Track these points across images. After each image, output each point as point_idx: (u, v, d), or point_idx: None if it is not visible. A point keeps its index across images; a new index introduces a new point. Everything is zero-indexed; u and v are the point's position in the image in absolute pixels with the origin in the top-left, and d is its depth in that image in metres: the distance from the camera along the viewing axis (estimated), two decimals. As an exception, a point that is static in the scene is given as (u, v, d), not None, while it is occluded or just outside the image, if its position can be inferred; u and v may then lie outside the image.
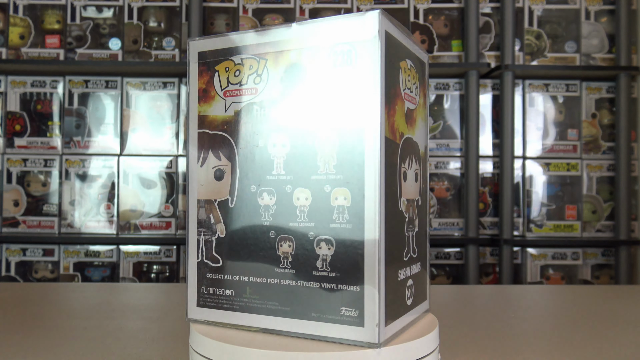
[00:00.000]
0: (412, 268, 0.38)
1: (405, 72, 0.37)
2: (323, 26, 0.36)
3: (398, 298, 0.36)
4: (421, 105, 0.41)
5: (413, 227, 0.38)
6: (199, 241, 0.39)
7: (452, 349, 0.51)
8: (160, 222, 1.80)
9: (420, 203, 0.40)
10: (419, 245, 0.40)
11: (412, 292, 0.38)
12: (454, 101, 1.85)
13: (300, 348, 0.34)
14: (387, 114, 0.34)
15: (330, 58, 0.35)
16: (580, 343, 0.54)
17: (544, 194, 1.84)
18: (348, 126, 0.34)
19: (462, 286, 0.91)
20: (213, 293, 0.39)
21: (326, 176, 0.35)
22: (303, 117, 0.36)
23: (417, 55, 0.40)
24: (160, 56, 1.82)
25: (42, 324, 0.59)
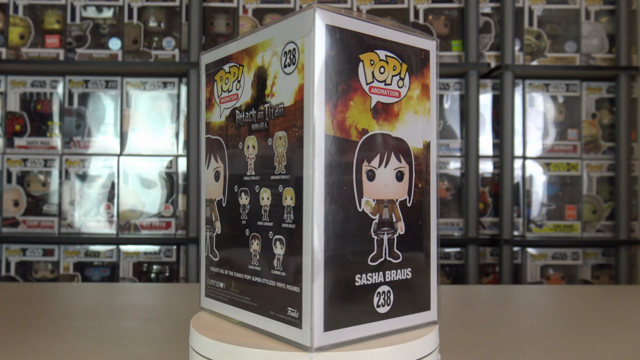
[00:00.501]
0: (390, 274, 0.36)
1: (372, 65, 0.35)
2: (276, 28, 0.36)
3: (357, 304, 0.34)
4: (414, 97, 0.38)
5: (392, 229, 0.36)
6: (206, 237, 0.42)
7: (452, 349, 0.51)
8: (160, 222, 1.80)
9: (413, 203, 0.37)
10: (410, 250, 0.37)
11: (390, 300, 0.36)
12: (454, 101, 1.85)
13: (354, 347, 0.34)
14: (333, 110, 0.33)
15: (282, 59, 0.35)
16: (580, 343, 0.54)
17: (544, 194, 1.84)
18: (293, 126, 0.34)
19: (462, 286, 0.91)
20: (213, 285, 0.42)
21: (280, 176, 0.35)
22: (263, 121, 0.37)
23: (408, 44, 0.38)
24: (160, 56, 1.82)
25: (42, 324, 0.59)
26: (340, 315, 0.34)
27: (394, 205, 0.36)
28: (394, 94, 0.37)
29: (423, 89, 0.38)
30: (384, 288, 0.36)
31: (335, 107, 0.34)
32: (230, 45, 0.41)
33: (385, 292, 0.36)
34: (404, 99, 0.37)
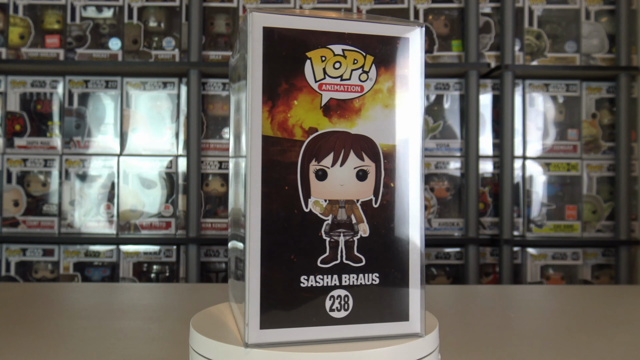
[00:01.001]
0: (348, 278, 0.35)
1: (324, 61, 0.35)
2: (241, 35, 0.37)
3: (303, 306, 0.34)
4: (384, 90, 0.35)
5: (350, 231, 0.35)
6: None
7: (452, 349, 0.51)
8: (160, 222, 1.80)
9: (381, 204, 0.35)
10: (377, 254, 0.35)
11: (348, 306, 0.35)
12: (454, 101, 1.85)
13: (297, 348, 0.34)
14: (272, 111, 0.34)
15: (242, 62, 0.36)
16: (580, 343, 0.54)
17: (544, 194, 1.84)
18: (238, 129, 0.35)
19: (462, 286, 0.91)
20: None
21: (242, 178, 0.36)
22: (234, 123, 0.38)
23: (376, 34, 0.36)
24: (160, 56, 1.82)
25: (42, 324, 0.59)
26: (280, 315, 0.34)
27: (354, 205, 0.35)
28: (354, 89, 0.35)
29: (398, 81, 0.36)
30: (339, 292, 0.35)
31: (274, 108, 0.34)
32: None
33: (342, 296, 0.35)
34: (368, 93, 0.35)
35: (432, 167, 1.83)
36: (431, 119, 1.85)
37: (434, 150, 1.84)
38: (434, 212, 1.83)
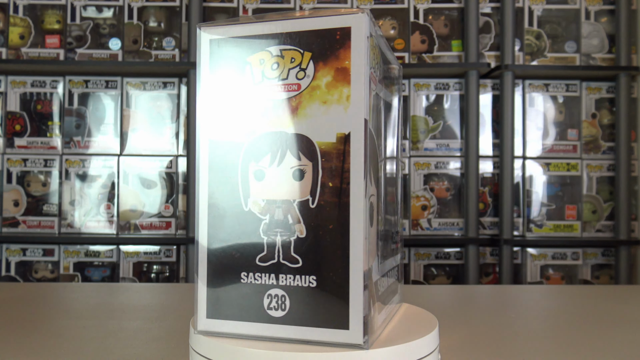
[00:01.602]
0: (285, 278, 0.35)
1: (262, 64, 0.36)
2: None
3: (244, 301, 0.35)
4: (322, 86, 0.34)
5: (286, 231, 0.35)
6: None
7: (452, 349, 0.51)
8: (160, 222, 1.80)
9: (319, 205, 0.34)
10: (313, 256, 0.34)
11: (285, 306, 0.35)
12: (454, 101, 1.85)
13: (297, 349, 0.34)
14: (220, 116, 0.36)
15: None
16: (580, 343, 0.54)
17: (544, 194, 1.84)
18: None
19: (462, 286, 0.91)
20: None
21: None
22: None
23: (314, 28, 0.35)
24: (160, 56, 1.82)
25: (42, 324, 0.59)
26: (224, 307, 0.36)
27: (291, 205, 0.35)
28: (291, 88, 0.35)
29: (338, 74, 0.34)
30: (276, 291, 0.35)
31: (220, 113, 0.36)
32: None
33: (279, 295, 0.35)
34: (305, 90, 0.35)
35: (432, 167, 1.83)
36: (431, 119, 1.85)
37: (434, 150, 1.84)
38: (434, 212, 1.83)
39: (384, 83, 0.39)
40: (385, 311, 0.39)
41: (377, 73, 0.37)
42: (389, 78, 0.41)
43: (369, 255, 0.34)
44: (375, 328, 0.35)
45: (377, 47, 0.36)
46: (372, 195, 0.35)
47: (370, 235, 0.35)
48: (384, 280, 0.38)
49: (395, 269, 0.43)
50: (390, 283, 0.41)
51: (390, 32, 1.84)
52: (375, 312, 0.35)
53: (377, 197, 0.37)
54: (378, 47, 0.36)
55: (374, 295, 0.35)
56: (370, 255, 0.35)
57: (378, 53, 0.36)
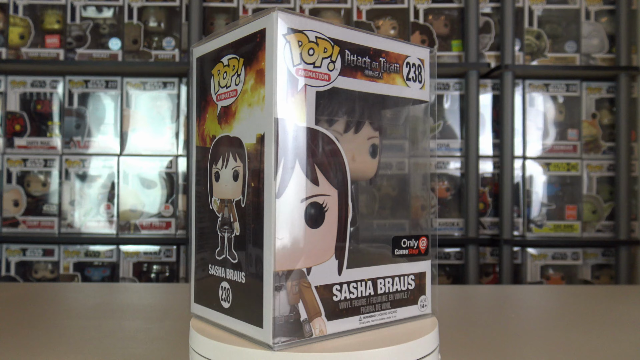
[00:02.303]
0: (229, 272, 0.37)
1: (219, 74, 0.38)
2: None
3: (210, 291, 0.39)
4: (249, 90, 0.35)
5: (230, 229, 0.37)
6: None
7: (452, 349, 0.51)
8: (160, 222, 1.80)
9: (246, 204, 0.35)
10: (242, 253, 0.36)
11: (229, 298, 0.37)
12: (454, 101, 1.85)
13: (297, 349, 0.34)
14: (198, 124, 0.40)
15: None
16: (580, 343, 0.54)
17: (544, 194, 1.84)
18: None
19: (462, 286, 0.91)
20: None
21: None
22: None
23: (245, 35, 0.36)
24: (160, 56, 1.82)
25: (42, 324, 0.59)
26: (202, 295, 0.40)
27: (232, 204, 0.37)
28: (232, 94, 0.37)
29: (257, 77, 0.35)
30: (225, 284, 0.37)
31: (199, 122, 0.40)
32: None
33: (226, 288, 0.37)
34: (239, 96, 0.36)
35: (432, 167, 1.83)
36: (431, 119, 1.85)
37: (433, 150, 1.84)
38: (434, 212, 1.83)
39: (365, 74, 0.37)
40: (361, 320, 0.37)
41: (334, 65, 0.35)
42: (375, 68, 0.38)
43: (304, 257, 0.34)
44: (317, 332, 0.34)
45: (326, 39, 0.35)
46: (324, 196, 0.35)
47: (313, 236, 0.34)
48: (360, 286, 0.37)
49: (402, 278, 0.40)
50: (381, 292, 0.38)
51: (390, 32, 1.84)
52: (313, 316, 0.34)
53: (341, 198, 0.36)
54: (330, 39, 0.35)
55: (306, 297, 0.34)
56: (309, 257, 0.34)
57: (330, 45, 0.35)
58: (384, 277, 0.39)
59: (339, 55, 0.36)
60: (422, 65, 0.43)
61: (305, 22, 0.34)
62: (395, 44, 0.40)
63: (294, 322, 0.34)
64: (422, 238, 0.42)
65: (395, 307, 0.39)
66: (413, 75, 0.42)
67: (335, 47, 0.36)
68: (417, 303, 0.41)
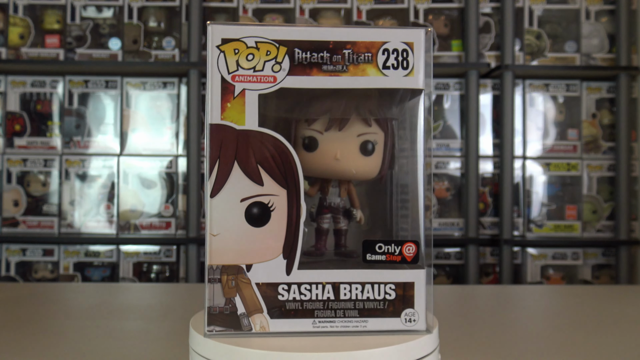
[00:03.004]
0: None
1: None
2: None
3: None
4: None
5: None
6: None
7: (452, 349, 0.51)
8: (160, 222, 1.80)
9: None
10: None
11: None
12: (454, 101, 1.85)
13: (297, 348, 0.34)
14: None
15: None
16: (580, 343, 0.54)
17: (544, 194, 1.84)
18: None
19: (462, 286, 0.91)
20: None
21: None
22: None
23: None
24: (160, 56, 1.82)
25: (42, 324, 0.59)
26: None
27: None
28: None
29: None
30: None
31: None
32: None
33: None
34: None
35: (432, 167, 1.83)
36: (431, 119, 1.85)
37: (434, 150, 1.84)
38: (434, 212, 1.83)
39: (323, 69, 0.37)
40: (316, 324, 0.37)
41: (280, 67, 0.36)
42: (336, 62, 0.37)
43: (243, 254, 0.36)
44: (257, 327, 0.36)
45: (269, 42, 0.36)
46: (270, 196, 0.36)
47: (255, 235, 0.36)
48: (316, 288, 0.37)
49: (376, 286, 0.37)
50: (344, 297, 0.37)
51: (390, 32, 1.84)
52: (253, 311, 0.36)
53: (290, 197, 0.36)
54: (274, 41, 0.36)
55: (244, 293, 0.36)
56: (249, 254, 0.36)
57: (274, 47, 0.36)
58: (350, 282, 0.37)
59: (286, 55, 0.36)
60: (410, 49, 0.38)
61: (242, 29, 0.36)
62: (368, 32, 0.37)
63: (229, 314, 0.35)
64: (408, 244, 0.38)
65: (365, 316, 0.37)
66: (394, 62, 0.38)
67: (281, 48, 0.36)
68: (399, 316, 0.37)
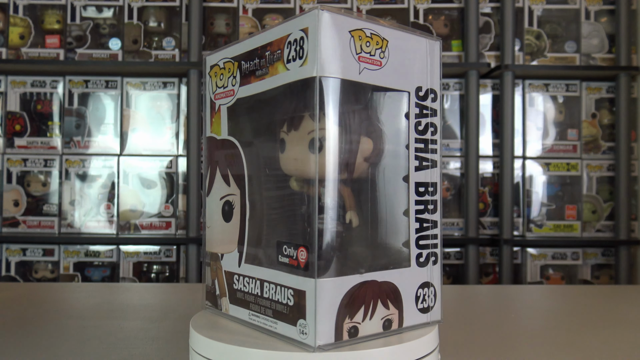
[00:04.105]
0: None
1: None
2: None
3: None
4: None
5: None
6: None
7: (452, 349, 0.51)
8: (160, 222, 1.80)
9: None
10: None
11: None
12: (454, 101, 1.85)
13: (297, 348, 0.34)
14: None
15: None
16: (580, 343, 0.54)
17: (544, 194, 1.84)
18: None
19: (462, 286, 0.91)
20: None
21: None
22: None
23: None
24: (160, 56, 1.82)
25: (42, 324, 0.59)
26: None
27: None
28: None
29: None
30: None
31: None
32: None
33: None
34: None
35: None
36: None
37: (434, 150, 1.84)
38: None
39: (256, 75, 0.38)
40: (250, 316, 0.38)
41: (235, 80, 0.40)
42: (262, 66, 0.38)
43: (219, 244, 0.41)
44: (224, 309, 0.41)
45: (229, 61, 0.40)
46: (233, 195, 0.40)
47: (225, 228, 0.41)
48: (251, 282, 0.38)
49: (282, 289, 0.35)
50: (265, 296, 0.37)
51: (390, 32, 1.84)
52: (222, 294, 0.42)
53: (242, 197, 0.40)
54: (232, 59, 0.40)
55: (218, 277, 0.42)
56: (221, 245, 0.41)
57: (232, 64, 0.40)
58: (269, 281, 0.37)
59: (237, 69, 0.40)
60: (305, 35, 0.34)
61: (217, 55, 0.42)
62: (278, 29, 0.36)
63: (212, 294, 0.42)
64: (301, 248, 0.34)
65: (276, 318, 0.36)
66: (293, 54, 0.35)
67: (235, 63, 0.40)
68: (295, 325, 0.34)
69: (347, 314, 0.34)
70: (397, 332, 0.37)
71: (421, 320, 0.38)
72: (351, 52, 0.35)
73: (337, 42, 0.34)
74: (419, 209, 0.39)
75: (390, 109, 0.39)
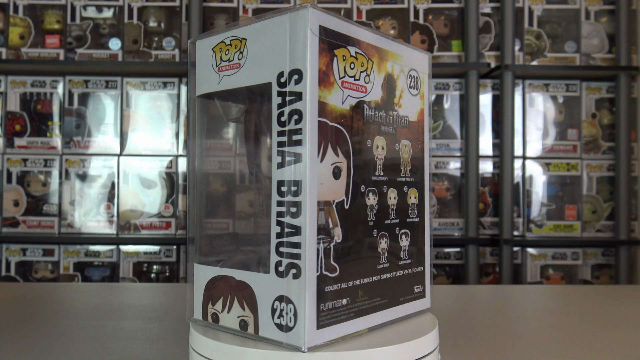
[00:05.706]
0: None
1: None
2: (404, 49, 0.42)
3: None
4: None
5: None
6: (319, 250, 0.34)
7: (452, 349, 0.51)
8: (160, 222, 1.80)
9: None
10: None
11: None
12: (454, 101, 1.85)
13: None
14: None
15: (407, 80, 0.42)
16: (580, 343, 0.54)
17: (544, 194, 1.84)
18: (416, 139, 0.42)
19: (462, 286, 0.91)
20: (332, 308, 0.35)
21: (405, 179, 0.42)
22: (392, 126, 0.41)
23: None
24: (160, 56, 1.82)
25: (42, 324, 0.59)
26: None
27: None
28: None
29: None
30: None
31: None
32: (358, 28, 0.37)
33: None
34: None
35: (432, 167, 1.83)
36: (431, 119, 1.85)
37: (434, 150, 1.84)
38: (434, 212, 1.83)
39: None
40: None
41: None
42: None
43: None
44: None
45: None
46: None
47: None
48: None
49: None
50: None
51: (390, 32, 1.84)
52: None
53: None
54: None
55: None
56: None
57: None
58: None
59: None
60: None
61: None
62: None
63: None
64: None
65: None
66: None
67: None
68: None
69: (209, 299, 0.39)
70: (254, 338, 0.35)
71: (279, 337, 0.34)
72: (212, 67, 0.39)
73: (204, 62, 0.40)
74: (279, 210, 0.34)
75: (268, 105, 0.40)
